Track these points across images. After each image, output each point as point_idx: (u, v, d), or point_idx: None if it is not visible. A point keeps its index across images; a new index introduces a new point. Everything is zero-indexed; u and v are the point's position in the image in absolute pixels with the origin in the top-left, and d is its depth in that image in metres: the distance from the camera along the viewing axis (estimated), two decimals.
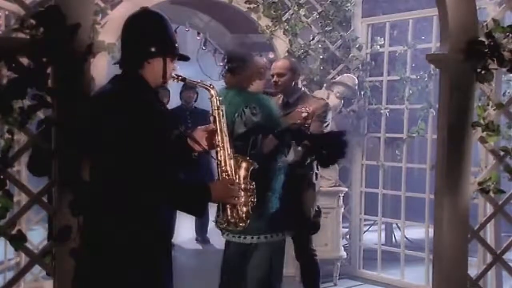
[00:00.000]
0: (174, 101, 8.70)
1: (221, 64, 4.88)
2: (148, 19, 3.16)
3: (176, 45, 3.20)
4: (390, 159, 7.34)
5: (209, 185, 3.12)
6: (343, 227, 7.27)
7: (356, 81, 6.81)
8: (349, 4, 7.11)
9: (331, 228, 6.77)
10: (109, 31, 5.77)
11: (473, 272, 5.28)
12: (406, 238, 7.38)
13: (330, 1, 7.08)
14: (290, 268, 6.72)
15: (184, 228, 8.76)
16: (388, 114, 7.06)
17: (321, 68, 7.07)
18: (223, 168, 3.33)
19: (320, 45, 7.10)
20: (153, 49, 3.09)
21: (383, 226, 8.37)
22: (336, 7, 7.09)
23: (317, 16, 7.11)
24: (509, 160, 3.86)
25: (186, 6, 9.21)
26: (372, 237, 7.96)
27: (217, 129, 3.38)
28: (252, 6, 6.88)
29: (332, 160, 5.09)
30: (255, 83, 4.71)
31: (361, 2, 7.27)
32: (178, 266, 7.79)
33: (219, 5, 7.28)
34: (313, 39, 7.12)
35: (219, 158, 3.34)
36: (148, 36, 3.10)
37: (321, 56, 7.06)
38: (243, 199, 3.35)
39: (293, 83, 5.29)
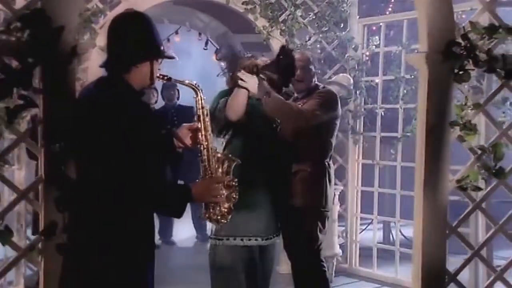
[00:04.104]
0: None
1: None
2: (133, 22, 3.16)
3: (162, 47, 3.22)
4: (387, 158, 7.42)
5: (189, 186, 3.18)
6: (340, 225, 7.37)
7: (351, 81, 6.90)
8: (345, 5, 7.19)
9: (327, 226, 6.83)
10: None
11: (466, 270, 5.37)
12: (403, 236, 7.46)
13: (327, 2, 7.17)
14: (286, 265, 6.82)
15: (185, 226, 8.87)
16: (383, 114, 7.15)
17: (318, 69, 7.16)
18: (206, 166, 3.39)
19: (318, 45, 7.19)
20: (140, 55, 3.10)
21: (381, 225, 8.46)
22: (332, 8, 7.17)
23: (314, 17, 7.20)
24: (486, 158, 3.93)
25: (188, 6, 9.30)
26: (370, 235, 8.03)
27: (201, 127, 3.44)
28: (249, 7, 6.97)
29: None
30: None
31: (357, 2, 7.36)
32: (178, 263, 7.95)
33: (220, 6, 7.30)
34: (309, 39, 7.20)
35: (202, 156, 3.41)
36: (134, 42, 3.10)
37: (317, 57, 7.14)
38: (225, 196, 3.42)
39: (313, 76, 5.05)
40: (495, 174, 3.87)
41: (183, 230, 8.95)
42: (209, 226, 8.35)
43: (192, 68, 11.79)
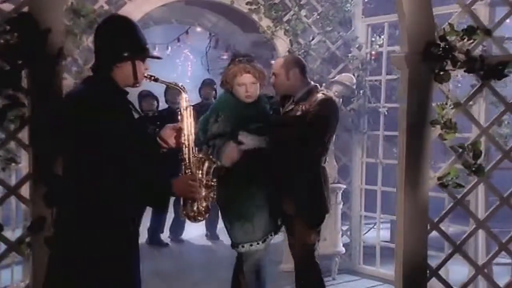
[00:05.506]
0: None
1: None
2: (116, 25, 3.33)
3: (147, 46, 3.36)
4: (392, 156, 7.46)
5: (171, 180, 3.31)
6: (345, 224, 7.43)
7: (354, 80, 6.95)
8: (349, 5, 7.25)
9: (330, 224, 6.89)
10: None
11: (464, 268, 5.42)
12: None
13: (330, 2, 7.23)
14: (290, 263, 6.91)
15: (195, 224, 8.90)
16: (386, 113, 7.21)
17: (323, 67, 7.23)
18: (187, 165, 3.51)
19: (323, 44, 7.26)
20: (120, 54, 3.25)
21: (388, 225, 8.48)
22: (336, 7, 7.22)
23: (318, 17, 7.26)
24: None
25: (198, 6, 9.35)
26: (374, 234, 8.05)
27: (183, 128, 3.56)
28: (253, 7, 7.05)
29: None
30: (233, 89, 4.82)
31: (361, 2, 7.42)
32: (188, 261, 8.04)
33: (227, 6, 7.29)
34: (313, 39, 7.28)
35: (184, 155, 3.53)
36: (115, 42, 3.27)
37: (322, 56, 7.22)
38: (203, 194, 3.54)
39: (291, 80, 4.93)
40: (474, 171, 3.94)
41: (193, 227, 9.02)
42: (220, 225, 8.52)
43: (203, 67, 11.91)
